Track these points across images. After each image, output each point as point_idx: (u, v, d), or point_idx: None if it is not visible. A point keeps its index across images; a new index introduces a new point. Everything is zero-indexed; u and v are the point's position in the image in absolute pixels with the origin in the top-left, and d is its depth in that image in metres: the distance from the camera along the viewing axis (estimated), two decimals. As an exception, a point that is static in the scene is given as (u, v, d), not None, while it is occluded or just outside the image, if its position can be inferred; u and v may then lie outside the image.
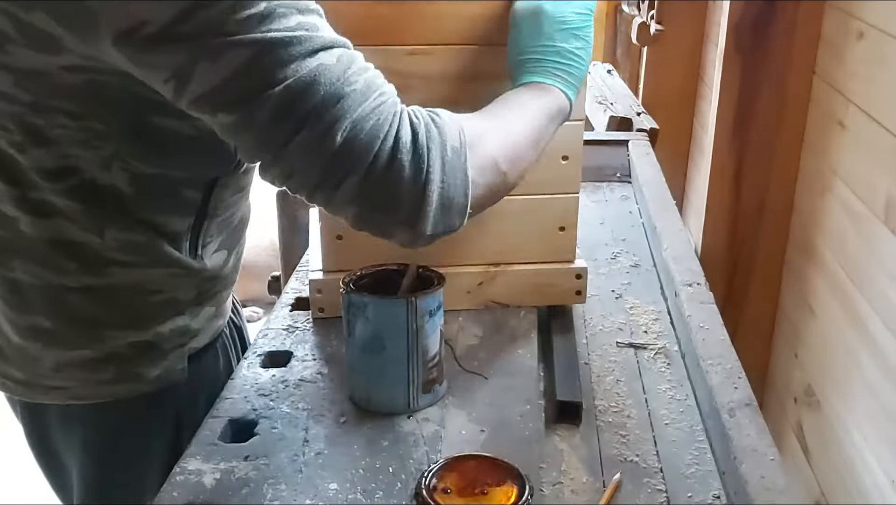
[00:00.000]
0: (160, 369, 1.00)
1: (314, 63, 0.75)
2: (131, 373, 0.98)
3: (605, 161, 1.78)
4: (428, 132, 0.81)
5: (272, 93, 0.74)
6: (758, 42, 1.64)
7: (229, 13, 0.72)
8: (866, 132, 1.36)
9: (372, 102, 0.78)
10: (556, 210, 1.15)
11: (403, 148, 0.79)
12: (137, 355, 0.98)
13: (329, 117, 0.76)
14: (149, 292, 0.97)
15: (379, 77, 0.82)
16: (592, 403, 1.03)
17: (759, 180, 1.73)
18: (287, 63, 0.74)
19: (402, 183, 0.80)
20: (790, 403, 1.67)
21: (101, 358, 0.96)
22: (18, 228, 0.91)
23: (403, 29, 1.04)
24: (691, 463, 0.93)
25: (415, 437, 0.93)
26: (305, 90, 0.75)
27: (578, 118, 1.10)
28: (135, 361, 0.98)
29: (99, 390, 0.98)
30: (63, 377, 0.97)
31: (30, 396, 1.01)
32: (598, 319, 1.22)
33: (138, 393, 1.00)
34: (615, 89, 2.26)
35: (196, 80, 0.74)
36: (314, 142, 0.76)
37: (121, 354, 0.97)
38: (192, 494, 0.84)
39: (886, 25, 1.30)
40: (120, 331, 0.97)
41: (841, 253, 1.46)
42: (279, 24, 0.74)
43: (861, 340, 1.35)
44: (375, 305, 0.95)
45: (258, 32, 0.73)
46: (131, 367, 0.98)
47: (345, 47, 0.79)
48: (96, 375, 0.97)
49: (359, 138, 0.77)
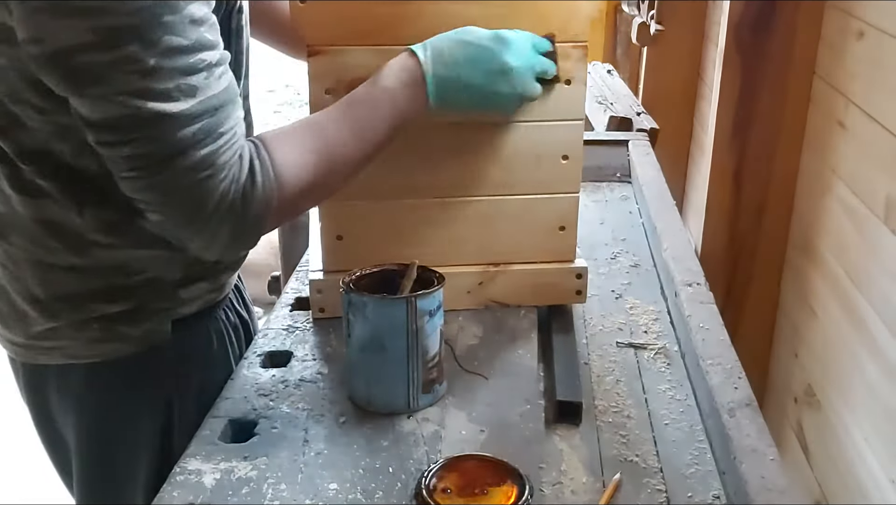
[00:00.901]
0: (143, 329, 1.01)
1: None
2: (115, 331, 1.00)
3: (605, 161, 1.78)
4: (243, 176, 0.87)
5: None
6: (758, 42, 1.64)
7: (117, 66, 0.78)
8: (866, 132, 1.36)
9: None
10: (556, 210, 1.15)
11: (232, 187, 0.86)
12: (119, 315, 1.00)
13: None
14: (133, 272, 0.98)
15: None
16: (592, 403, 1.03)
17: (760, 180, 1.73)
18: None
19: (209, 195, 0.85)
20: (790, 402, 1.67)
21: (86, 320, 0.99)
22: (13, 206, 0.95)
23: (403, 29, 1.04)
24: (691, 463, 0.93)
25: (415, 437, 0.93)
26: None
27: (578, 118, 1.10)
28: (118, 321, 1.00)
29: (89, 349, 1.01)
30: (56, 337, 1.00)
31: (31, 357, 1.03)
32: (598, 319, 1.22)
33: (125, 353, 1.01)
34: (615, 89, 2.26)
35: (76, 102, 0.82)
36: None
37: (105, 316, 1.00)
38: (192, 493, 0.84)
39: (886, 25, 1.30)
40: (105, 304, 0.99)
41: (841, 253, 1.46)
42: (159, 85, 0.80)
43: (861, 340, 1.35)
44: (375, 305, 0.95)
45: (136, 90, 0.79)
46: (114, 324, 1.00)
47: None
48: (83, 333, 1.00)
49: None
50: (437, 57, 0.97)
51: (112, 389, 1.03)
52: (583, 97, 1.09)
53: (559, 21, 1.05)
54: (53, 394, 1.04)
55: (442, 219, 1.13)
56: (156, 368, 1.03)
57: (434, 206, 1.13)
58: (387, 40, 1.04)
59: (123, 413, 1.04)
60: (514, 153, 1.11)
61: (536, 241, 1.16)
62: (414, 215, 1.12)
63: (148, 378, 1.03)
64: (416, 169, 1.08)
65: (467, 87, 0.98)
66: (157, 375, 1.03)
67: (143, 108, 0.79)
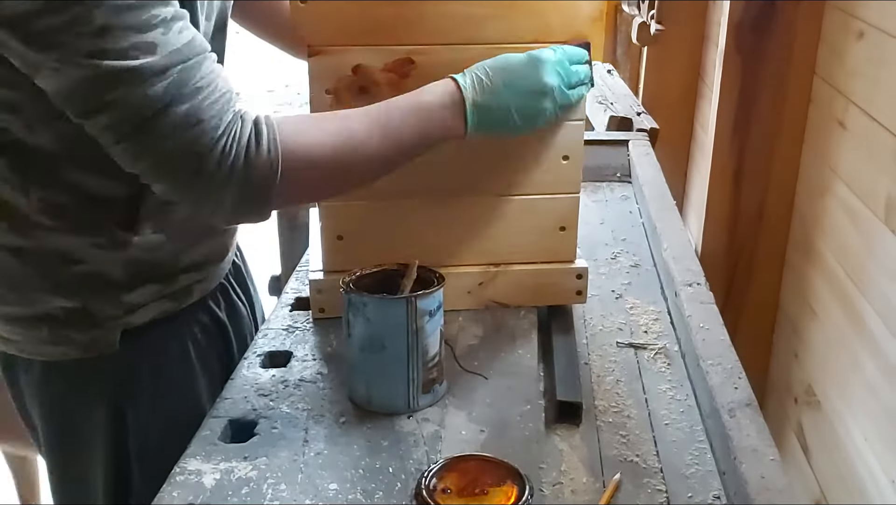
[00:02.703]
0: (90, 336, 1.01)
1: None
2: (62, 335, 1.01)
3: (606, 161, 1.78)
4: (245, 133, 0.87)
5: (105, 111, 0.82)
6: (758, 42, 1.64)
7: (68, 28, 0.77)
8: (866, 132, 1.36)
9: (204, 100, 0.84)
10: (556, 210, 1.15)
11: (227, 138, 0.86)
12: (68, 319, 1.00)
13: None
14: (72, 262, 0.98)
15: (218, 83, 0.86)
16: (592, 404, 1.03)
17: (760, 180, 1.73)
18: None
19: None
20: (790, 403, 1.67)
21: (35, 316, 1.00)
22: None
23: (403, 29, 1.04)
24: (691, 463, 0.93)
25: (415, 437, 0.93)
26: None
27: (579, 118, 1.10)
28: (65, 324, 1.00)
29: (38, 349, 1.02)
30: (10, 330, 1.02)
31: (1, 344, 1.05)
32: (598, 319, 1.22)
33: (73, 358, 1.02)
34: (615, 89, 2.26)
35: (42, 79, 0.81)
36: None
37: (53, 316, 1.00)
38: (192, 493, 0.84)
39: (886, 25, 1.30)
40: (48, 295, 0.99)
41: (841, 253, 1.46)
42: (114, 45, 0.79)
43: (861, 340, 1.35)
44: (375, 305, 0.95)
45: (90, 51, 0.79)
46: (62, 329, 1.01)
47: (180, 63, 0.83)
48: (32, 332, 1.01)
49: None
50: (478, 85, 0.98)
51: (63, 389, 1.04)
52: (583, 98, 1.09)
53: (559, 21, 1.05)
54: (23, 380, 1.06)
55: (442, 219, 1.14)
56: (103, 375, 1.04)
57: (434, 206, 1.13)
58: (387, 40, 1.04)
59: (76, 413, 1.05)
60: (514, 153, 1.11)
61: (537, 241, 1.16)
62: (414, 215, 1.12)
63: (95, 384, 1.04)
64: (416, 169, 1.08)
65: (507, 113, 0.99)
66: (104, 382, 1.04)
67: (102, 66, 0.79)
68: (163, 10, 0.82)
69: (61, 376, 1.03)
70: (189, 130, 0.83)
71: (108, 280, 1.01)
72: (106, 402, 1.05)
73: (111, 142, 0.84)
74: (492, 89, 0.98)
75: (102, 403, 1.05)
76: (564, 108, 1.03)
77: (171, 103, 0.82)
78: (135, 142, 0.83)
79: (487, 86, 0.98)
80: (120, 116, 0.82)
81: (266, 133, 0.88)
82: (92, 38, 0.78)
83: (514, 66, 0.99)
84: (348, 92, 1.05)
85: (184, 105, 0.83)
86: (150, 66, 0.80)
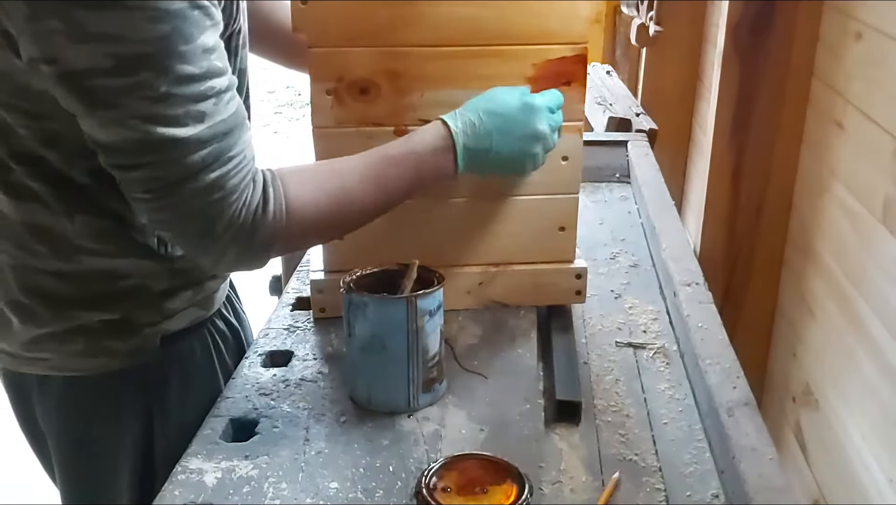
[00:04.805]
0: (130, 345, 1.01)
1: None
2: (101, 346, 1.00)
3: (605, 161, 1.79)
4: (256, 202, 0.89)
5: None
6: (756, 43, 1.64)
7: (129, 91, 0.79)
8: (864, 133, 1.37)
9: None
10: (556, 210, 1.15)
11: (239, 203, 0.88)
12: (106, 329, 1.00)
13: None
14: (117, 277, 0.98)
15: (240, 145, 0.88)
16: (591, 403, 1.03)
17: (758, 181, 1.73)
18: None
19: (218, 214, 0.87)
20: (789, 402, 1.68)
21: (70, 330, 0.99)
22: (1, 210, 0.95)
23: (404, 30, 1.04)
24: (690, 462, 0.93)
25: (415, 436, 0.93)
26: None
27: (578, 119, 1.11)
28: (104, 335, 1.00)
29: (72, 362, 1.01)
30: (38, 349, 1.01)
31: (14, 365, 1.04)
32: (597, 319, 1.23)
33: (109, 369, 1.01)
34: (614, 90, 2.26)
35: (87, 127, 0.83)
36: None
37: (90, 328, 1.00)
38: (194, 492, 0.84)
39: (885, 26, 1.31)
40: (90, 311, 0.99)
41: (839, 253, 1.47)
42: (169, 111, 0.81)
43: (859, 340, 1.35)
44: (375, 305, 0.95)
45: (147, 115, 0.80)
46: (100, 339, 1.00)
47: None
48: (66, 346, 1.00)
49: None
50: (469, 128, 0.99)
51: (92, 400, 1.03)
52: (582, 98, 1.10)
53: (559, 22, 1.06)
54: (36, 398, 1.05)
55: (442, 219, 1.14)
56: (139, 382, 1.03)
57: (434, 206, 1.13)
58: (388, 42, 1.04)
59: (103, 423, 1.04)
60: (513, 154, 1.11)
61: (536, 241, 1.16)
62: (414, 215, 1.13)
63: (130, 392, 1.03)
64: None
65: (498, 156, 1.01)
66: (139, 389, 1.04)
67: (153, 132, 0.80)
68: (219, 81, 0.84)
69: (87, 389, 1.02)
70: (212, 196, 0.85)
71: (153, 291, 1.01)
72: (136, 408, 1.04)
73: (137, 190, 0.85)
74: (484, 134, 1.00)
75: (132, 409, 1.04)
76: (548, 151, 1.06)
77: (205, 170, 0.84)
78: (158, 197, 0.85)
79: (480, 130, 0.99)
80: (156, 175, 0.83)
81: (273, 199, 0.90)
82: (151, 104, 0.80)
83: (507, 112, 1.01)
84: (348, 93, 1.06)
85: (214, 173, 0.84)
86: (197, 136, 0.82)
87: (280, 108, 6.67)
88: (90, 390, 1.02)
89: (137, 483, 1.05)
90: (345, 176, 0.97)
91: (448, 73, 1.06)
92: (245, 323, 1.22)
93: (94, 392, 1.02)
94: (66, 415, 1.04)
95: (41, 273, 0.97)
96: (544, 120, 1.02)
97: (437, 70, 1.06)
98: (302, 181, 0.94)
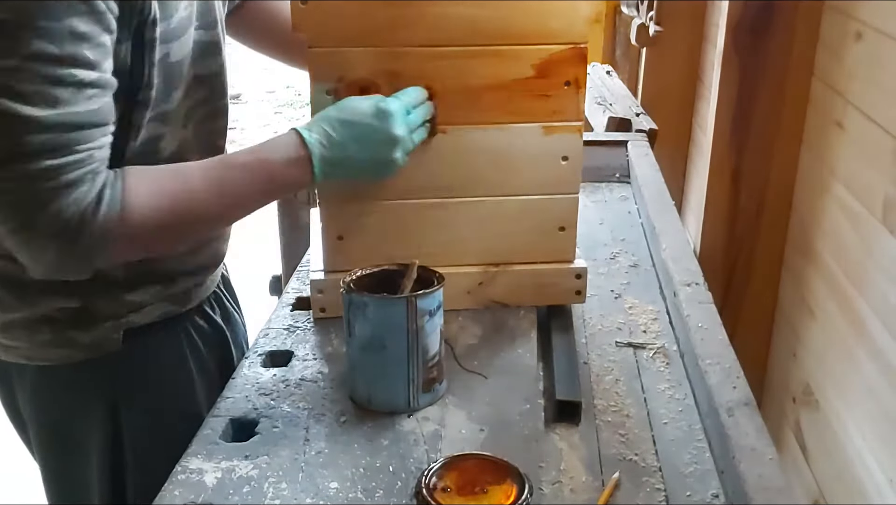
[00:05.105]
0: (93, 336, 1.02)
1: None
2: (65, 337, 1.02)
3: (605, 161, 1.79)
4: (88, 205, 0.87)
5: None
6: (756, 43, 1.65)
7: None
8: (864, 133, 1.37)
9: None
10: (556, 210, 1.15)
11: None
12: (68, 319, 1.01)
13: None
14: None
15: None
16: (591, 403, 1.03)
17: (758, 181, 1.73)
18: None
19: None
20: (789, 402, 1.68)
21: (36, 319, 1.01)
22: None
23: (404, 30, 1.04)
24: (690, 462, 0.93)
25: (415, 436, 0.93)
26: None
27: (578, 119, 1.11)
28: (67, 325, 1.01)
29: (41, 352, 1.03)
30: (11, 337, 1.02)
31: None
32: (597, 319, 1.23)
33: (75, 360, 1.03)
34: (614, 90, 2.26)
35: None
36: None
37: (54, 318, 1.01)
38: (194, 492, 0.84)
39: (885, 26, 1.31)
40: (48, 296, 1.00)
41: (839, 253, 1.47)
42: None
43: (859, 340, 1.35)
44: (376, 305, 0.95)
45: None
46: (64, 330, 1.01)
47: None
48: (35, 336, 1.02)
49: None
50: (325, 138, 0.99)
51: (60, 391, 1.05)
52: (582, 98, 1.10)
53: (558, 22, 1.06)
54: (16, 383, 1.07)
55: (442, 219, 1.14)
56: (103, 375, 1.04)
57: (434, 206, 1.13)
58: (388, 42, 1.05)
59: (72, 413, 1.06)
60: (513, 154, 1.12)
61: (536, 241, 1.16)
62: (414, 215, 1.13)
63: (96, 383, 1.05)
64: (416, 169, 1.09)
65: (356, 163, 1.01)
66: (105, 381, 1.05)
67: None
68: (84, 73, 0.83)
69: (57, 378, 1.04)
70: (38, 184, 0.84)
71: (109, 280, 1.01)
72: (103, 400, 1.05)
73: None
74: (339, 143, 0.99)
75: (99, 401, 1.05)
76: (411, 150, 1.05)
77: (39, 156, 0.82)
78: None
79: (335, 140, 0.99)
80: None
81: (107, 200, 0.88)
82: (2, 73, 0.79)
83: (361, 120, 1.00)
84: (348, 93, 1.06)
85: (49, 162, 0.83)
86: (41, 118, 0.81)
87: (280, 108, 6.67)
88: (60, 380, 1.04)
89: (108, 473, 1.07)
90: (190, 179, 0.95)
91: (449, 73, 1.06)
92: (236, 324, 1.23)
93: (64, 382, 1.04)
94: (40, 403, 1.06)
95: (3, 257, 0.97)
96: (400, 124, 1.01)
97: (437, 70, 1.06)
98: (144, 183, 0.92)
